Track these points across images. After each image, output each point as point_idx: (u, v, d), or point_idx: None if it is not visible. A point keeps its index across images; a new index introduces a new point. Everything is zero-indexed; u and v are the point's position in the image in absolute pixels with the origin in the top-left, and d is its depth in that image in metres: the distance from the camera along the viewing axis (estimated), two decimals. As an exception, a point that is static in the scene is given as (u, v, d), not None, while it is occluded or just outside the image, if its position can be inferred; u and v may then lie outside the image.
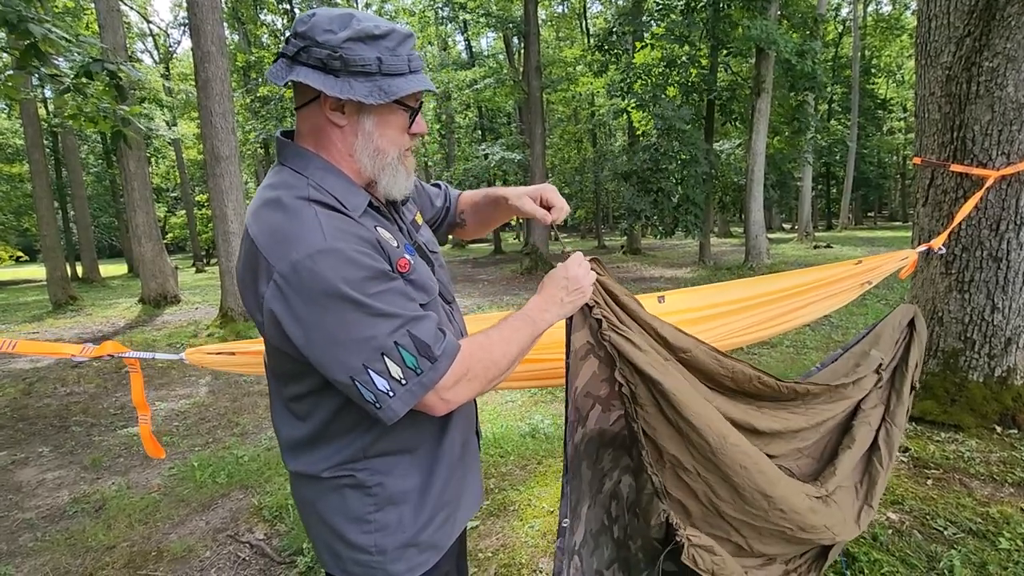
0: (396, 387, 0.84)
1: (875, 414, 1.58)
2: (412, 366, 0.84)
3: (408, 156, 1.00)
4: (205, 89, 7.27)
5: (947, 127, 2.98)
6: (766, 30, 11.03)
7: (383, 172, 0.95)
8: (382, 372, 0.83)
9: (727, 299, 1.81)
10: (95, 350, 1.28)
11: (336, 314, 0.81)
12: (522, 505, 2.74)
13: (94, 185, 28.97)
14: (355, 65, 0.85)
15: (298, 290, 0.81)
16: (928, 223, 3.17)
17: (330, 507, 0.97)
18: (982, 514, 2.34)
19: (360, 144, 0.93)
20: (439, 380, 0.87)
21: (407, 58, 0.90)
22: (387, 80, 0.88)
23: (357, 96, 0.86)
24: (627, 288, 1.22)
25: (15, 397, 5.25)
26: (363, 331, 0.82)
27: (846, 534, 1.38)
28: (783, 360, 5.33)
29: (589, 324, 1.13)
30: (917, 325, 1.72)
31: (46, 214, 11.74)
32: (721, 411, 1.23)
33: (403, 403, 0.85)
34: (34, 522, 2.92)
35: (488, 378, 0.93)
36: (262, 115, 19.05)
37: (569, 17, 27.94)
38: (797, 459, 1.44)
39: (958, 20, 2.90)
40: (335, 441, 0.95)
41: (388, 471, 0.97)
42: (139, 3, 25.14)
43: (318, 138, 0.94)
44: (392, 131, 0.95)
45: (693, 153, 13.16)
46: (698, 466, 1.17)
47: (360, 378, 0.83)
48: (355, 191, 0.94)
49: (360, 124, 0.92)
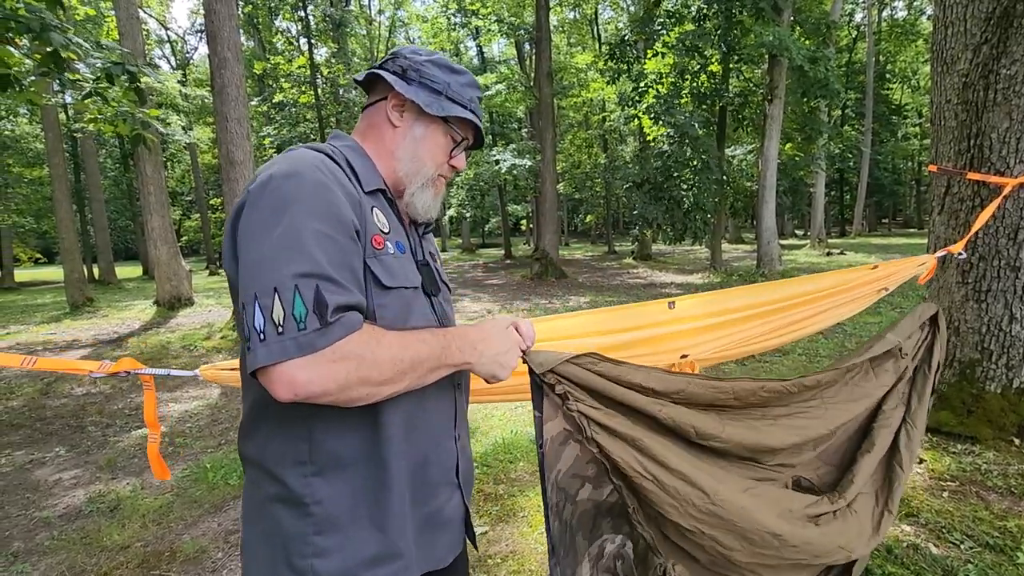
0: (270, 332, 0.74)
1: (896, 415, 1.53)
2: (298, 316, 0.74)
3: (441, 181, 1.06)
4: (221, 95, 7.37)
5: (964, 134, 2.95)
6: (778, 36, 10.98)
7: (415, 178, 1.00)
8: (265, 308, 0.74)
9: (739, 305, 1.77)
10: (112, 367, 1.29)
11: (270, 231, 0.77)
12: (532, 511, 2.74)
13: (111, 189, 29.44)
14: (427, 79, 0.99)
15: (256, 202, 0.80)
16: (944, 231, 3.14)
17: (267, 527, 0.87)
18: (999, 528, 2.30)
19: (405, 146, 1.00)
20: (320, 349, 0.74)
21: (470, 98, 1.03)
22: (448, 102, 1.00)
23: (419, 100, 0.97)
24: (638, 294, 1.20)
25: (33, 397, 5.34)
26: (275, 257, 0.76)
27: (863, 548, 1.35)
28: (795, 368, 5.28)
29: (563, 413, 1.08)
30: (940, 324, 1.66)
31: (65, 217, 11.95)
32: (734, 440, 1.21)
33: (268, 354, 0.73)
34: (51, 521, 2.97)
35: (358, 376, 0.77)
36: (277, 121, 19.28)
37: (580, 23, 28.02)
38: (817, 468, 1.40)
39: (975, 27, 2.88)
40: (275, 427, 0.86)
41: (327, 485, 0.85)
42: (157, 11, 25.61)
43: (370, 132, 1.02)
44: (436, 147, 1.02)
45: (706, 160, 13.12)
46: (700, 525, 1.14)
47: (247, 308, 0.76)
48: (375, 174, 0.97)
49: (412, 129, 1.01)
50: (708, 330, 1.72)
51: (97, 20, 17.56)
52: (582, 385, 1.08)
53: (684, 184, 13.53)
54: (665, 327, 1.70)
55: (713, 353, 1.72)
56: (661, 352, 1.67)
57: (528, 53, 21.82)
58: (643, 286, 12.59)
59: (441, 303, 1.05)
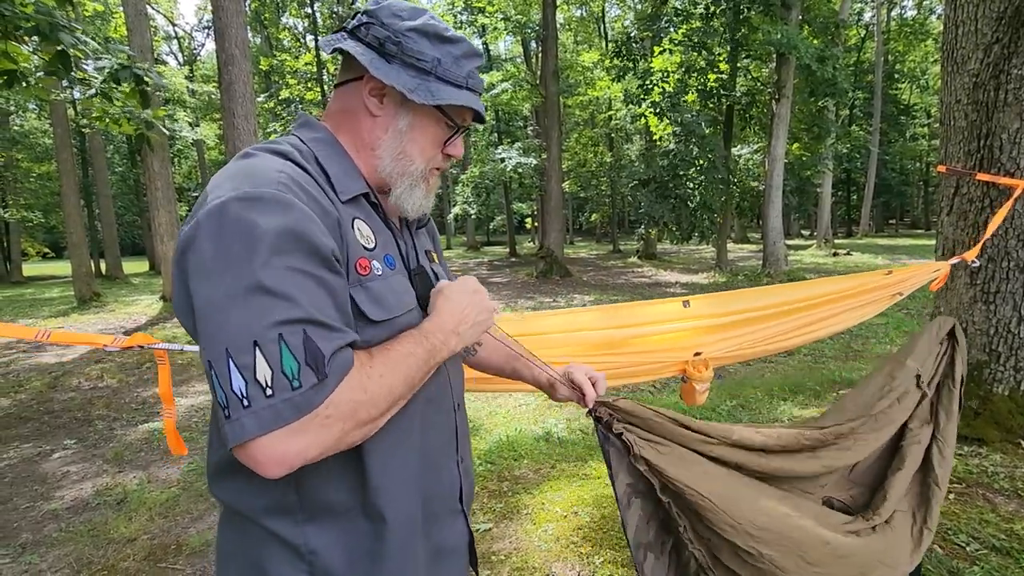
0: (256, 396, 0.60)
1: (924, 433, 1.53)
2: (289, 373, 0.61)
3: (434, 175, 0.90)
4: (228, 91, 7.40)
5: (974, 135, 2.93)
6: (787, 35, 10.93)
7: (402, 178, 0.85)
8: (244, 367, 0.60)
9: (753, 306, 1.78)
10: (126, 341, 1.32)
11: (232, 272, 0.62)
12: (535, 509, 2.75)
13: (118, 184, 29.64)
14: (411, 55, 0.78)
15: (212, 235, 0.63)
16: (952, 232, 3.12)
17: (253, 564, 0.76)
18: (1006, 530, 2.28)
19: (387, 141, 0.83)
20: (317, 406, 0.62)
21: (467, 73, 0.83)
22: (439, 84, 0.80)
23: (401, 86, 0.78)
24: (643, 293, 1.22)
25: (41, 391, 5.38)
26: (249, 305, 0.61)
27: (905, 565, 1.35)
28: (800, 369, 5.27)
29: (627, 464, 1.11)
30: (959, 337, 1.65)
31: (73, 212, 12.04)
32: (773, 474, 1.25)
33: (258, 424, 0.60)
34: (59, 513, 2.99)
35: (356, 420, 0.67)
36: (283, 118, 19.35)
37: (587, 21, 27.96)
38: (849, 489, 1.42)
39: (986, 27, 2.85)
40: (256, 477, 0.66)
41: (323, 534, 0.75)
42: (165, 7, 25.71)
43: (344, 120, 0.84)
44: (426, 140, 0.85)
45: (711, 159, 13.08)
46: (757, 545, 1.14)
47: (218, 367, 0.61)
48: (353, 176, 0.81)
49: (395, 120, 0.83)
50: (722, 329, 1.72)
51: (105, 16, 17.65)
52: (631, 415, 1.12)
53: (690, 183, 13.49)
54: (680, 323, 1.71)
55: (726, 352, 1.72)
56: (675, 348, 1.68)
57: (534, 51, 21.79)
58: (648, 285, 12.57)
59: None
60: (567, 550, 2.39)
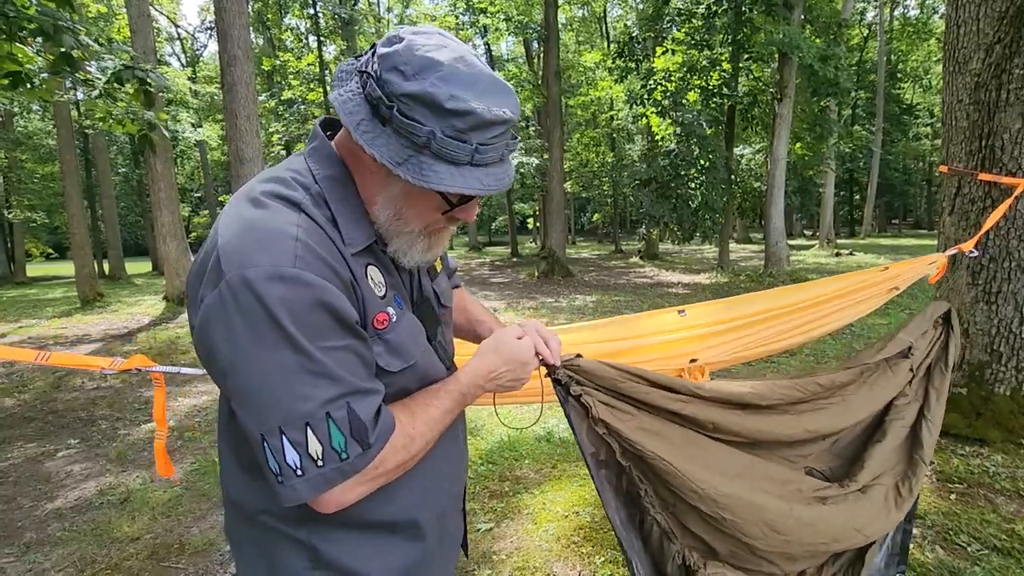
0: (308, 467, 0.68)
1: (909, 410, 1.55)
2: (338, 447, 0.69)
3: (442, 232, 0.84)
4: (231, 92, 7.42)
5: (975, 135, 2.92)
6: (789, 35, 10.91)
7: (397, 238, 0.81)
8: (298, 444, 0.67)
9: (749, 311, 1.78)
10: (123, 364, 1.31)
11: (272, 354, 0.66)
12: (536, 509, 2.75)
13: (121, 185, 29.73)
14: (404, 125, 0.68)
15: (241, 312, 0.66)
16: (954, 232, 3.12)
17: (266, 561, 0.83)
18: (1007, 531, 2.28)
19: (383, 200, 0.78)
20: (363, 469, 0.72)
21: (473, 148, 0.70)
22: (431, 161, 0.69)
23: (384, 158, 0.69)
24: (644, 293, 1.21)
25: (45, 391, 5.41)
26: (294, 388, 0.67)
27: (879, 531, 1.36)
28: (802, 369, 5.26)
29: (587, 427, 1.08)
30: (953, 323, 1.67)
31: (76, 212, 12.08)
32: (753, 435, 1.24)
33: (311, 488, 0.69)
34: (63, 512, 3.01)
35: (400, 469, 0.79)
36: (285, 118, 19.38)
37: (589, 21, 27.96)
38: (829, 462, 1.43)
39: (988, 26, 2.85)
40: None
41: (344, 546, 0.82)
42: (168, 8, 25.78)
43: (352, 160, 0.80)
44: (424, 207, 0.78)
45: (713, 159, 13.06)
46: (720, 511, 1.13)
47: (271, 441, 0.68)
48: (361, 225, 0.79)
49: (388, 185, 0.76)
50: (718, 335, 1.73)
51: (108, 17, 17.71)
52: (593, 376, 1.08)
53: (692, 183, 13.48)
54: (675, 333, 1.71)
55: (723, 357, 1.72)
56: (671, 357, 1.68)
57: (536, 51, 21.77)
58: (650, 285, 12.56)
59: (442, 340, 0.95)
60: (568, 550, 2.39)
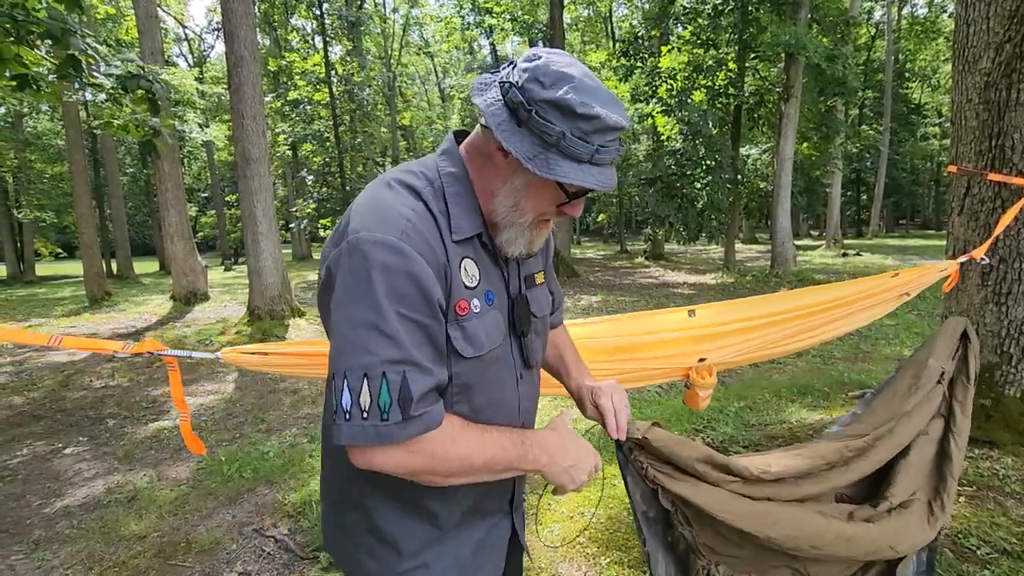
0: (355, 414, 0.77)
1: (934, 426, 1.54)
2: (383, 406, 0.77)
3: (545, 224, 0.95)
4: (238, 93, 7.46)
5: (985, 135, 2.90)
6: (795, 35, 10.85)
7: (509, 228, 0.91)
8: (353, 390, 0.77)
9: (759, 313, 1.77)
10: (135, 347, 1.33)
11: (358, 306, 0.78)
12: (542, 509, 2.75)
13: (129, 185, 29.93)
14: (537, 127, 0.80)
15: (350, 265, 0.79)
16: (964, 233, 3.09)
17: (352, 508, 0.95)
18: (1017, 534, 2.26)
19: (504, 193, 0.89)
20: (395, 440, 0.78)
21: (594, 148, 0.81)
22: (558, 157, 0.81)
23: (519, 153, 0.81)
24: (650, 294, 1.22)
25: (53, 389, 5.45)
26: (366, 341, 0.77)
27: (911, 547, 1.36)
28: (809, 370, 5.23)
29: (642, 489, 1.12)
30: (971, 336, 1.68)
31: (85, 212, 12.18)
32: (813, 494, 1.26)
33: (347, 436, 0.78)
34: (71, 510, 3.03)
35: (428, 468, 0.83)
36: (291, 118, 19.44)
37: (594, 21, 27.90)
38: (855, 484, 1.42)
39: (998, 25, 2.82)
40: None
41: (387, 511, 0.93)
42: (175, 9, 25.94)
43: (476, 158, 0.92)
44: (540, 200, 0.89)
45: (719, 159, 13.01)
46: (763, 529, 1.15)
47: (337, 380, 0.78)
48: (471, 218, 0.90)
49: (513, 177, 0.87)
50: (726, 335, 1.72)
51: (116, 19, 17.83)
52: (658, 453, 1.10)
53: (697, 183, 13.43)
54: (685, 331, 1.71)
55: (731, 357, 1.72)
56: (679, 355, 1.68)
57: (541, 51, 21.76)
58: (655, 286, 12.52)
59: (531, 342, 1.02)
60: (573, 551, 2.39)
